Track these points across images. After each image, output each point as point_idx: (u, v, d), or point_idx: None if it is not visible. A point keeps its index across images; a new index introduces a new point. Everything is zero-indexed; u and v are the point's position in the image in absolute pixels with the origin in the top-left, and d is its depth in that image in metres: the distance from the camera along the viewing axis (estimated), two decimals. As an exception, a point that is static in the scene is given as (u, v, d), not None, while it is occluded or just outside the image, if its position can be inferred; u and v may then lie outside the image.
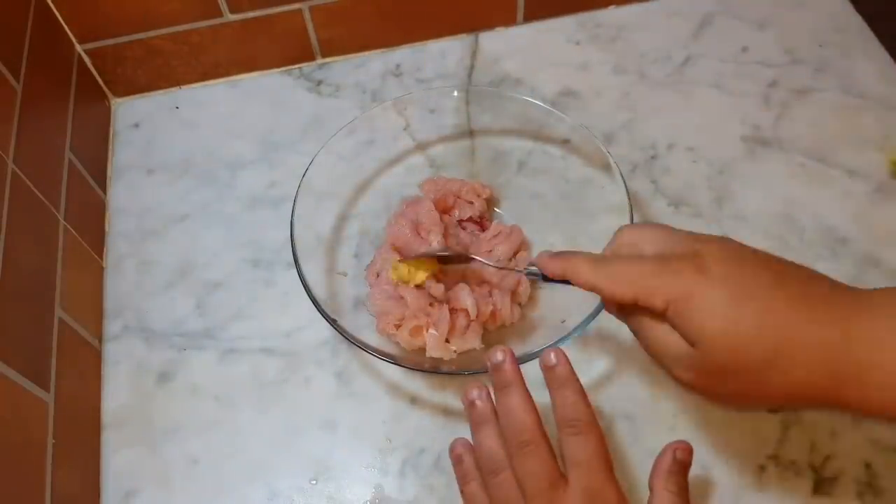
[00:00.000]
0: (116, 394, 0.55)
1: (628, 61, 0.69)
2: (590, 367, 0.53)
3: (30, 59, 0.55)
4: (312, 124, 0.67)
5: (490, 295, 0.53)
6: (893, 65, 0.67)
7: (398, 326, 0.51)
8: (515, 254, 0.57)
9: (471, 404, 0.43)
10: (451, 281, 0.53)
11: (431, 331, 0.50)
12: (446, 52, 0.71)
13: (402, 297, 0.52)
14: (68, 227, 0.55)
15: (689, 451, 0.41)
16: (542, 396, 0.52)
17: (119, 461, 0.52)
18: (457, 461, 0.44)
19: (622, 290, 0.38)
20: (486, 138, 0.63)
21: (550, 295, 0.56)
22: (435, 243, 0.55)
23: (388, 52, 0.72)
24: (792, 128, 0.64)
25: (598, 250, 0.42)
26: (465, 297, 0.51)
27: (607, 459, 0.39)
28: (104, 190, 0.64)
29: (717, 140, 0.64)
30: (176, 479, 0.51)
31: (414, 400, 0.53)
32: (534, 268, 0.43)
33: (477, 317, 0.51)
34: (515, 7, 0.71)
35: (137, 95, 0.71)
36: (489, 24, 0.72)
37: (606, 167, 0.55)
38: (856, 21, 0.70)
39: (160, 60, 0.68)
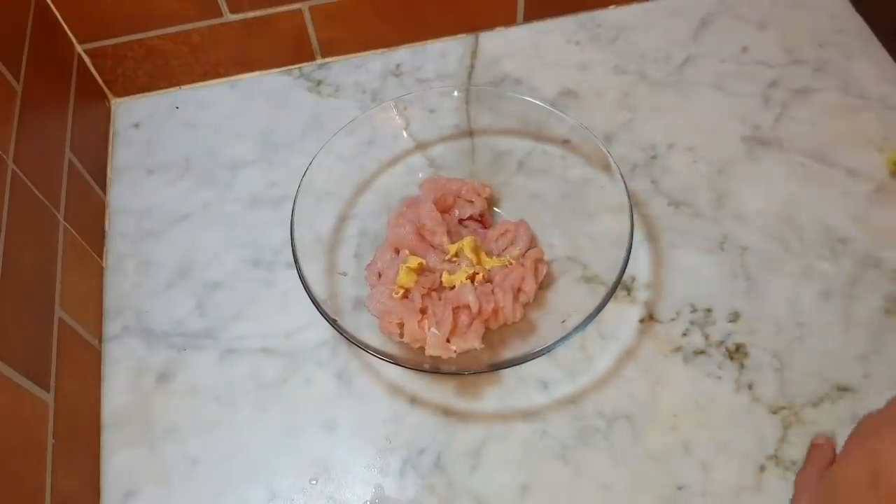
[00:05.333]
0: (116, 394, 0.55)
1: (628, 61, 0.69)
2: (590, 367, 0.53)
3: (30, 59, 0.55)
4: (312, 124, 0.67)
5: (493, 293, 0.52)
6: (893, 65, 0.67)
7: (401, 325, 0.51)
8: (527, 251, 0.56)
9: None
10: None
11: (433, 329, 0.50)
12: (446, 52, 0.71)
13: (404, 297, 0.52)
14: (68, 227, 0.55)
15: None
16: (542, 397, 0.52)
17: (119, 461, 0.52)
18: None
19: None
20: (486, 138, 0.63)
21: (551, 295, 0.56)
22: (444, 243, 0.55)
23: (388, 52, 0.72)
24: (792, 128, 0.64)
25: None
26: (467, 292, 0.51)
27: None
28: (104, 190, 0.64)
29: (717, 140, 0.64)
30: (176, 479, 0.51)
31: (414, 400, 0.53)
32: None
33: (479, 314, 0.51)
34: (515, 7, 0.71)
35: (137, 95, 0.71)
36: (489, 24, 0.72)
37: (606, 167, 0.55)
38: (856, 21, 0.70)
39: (160, 60, 0.68)
